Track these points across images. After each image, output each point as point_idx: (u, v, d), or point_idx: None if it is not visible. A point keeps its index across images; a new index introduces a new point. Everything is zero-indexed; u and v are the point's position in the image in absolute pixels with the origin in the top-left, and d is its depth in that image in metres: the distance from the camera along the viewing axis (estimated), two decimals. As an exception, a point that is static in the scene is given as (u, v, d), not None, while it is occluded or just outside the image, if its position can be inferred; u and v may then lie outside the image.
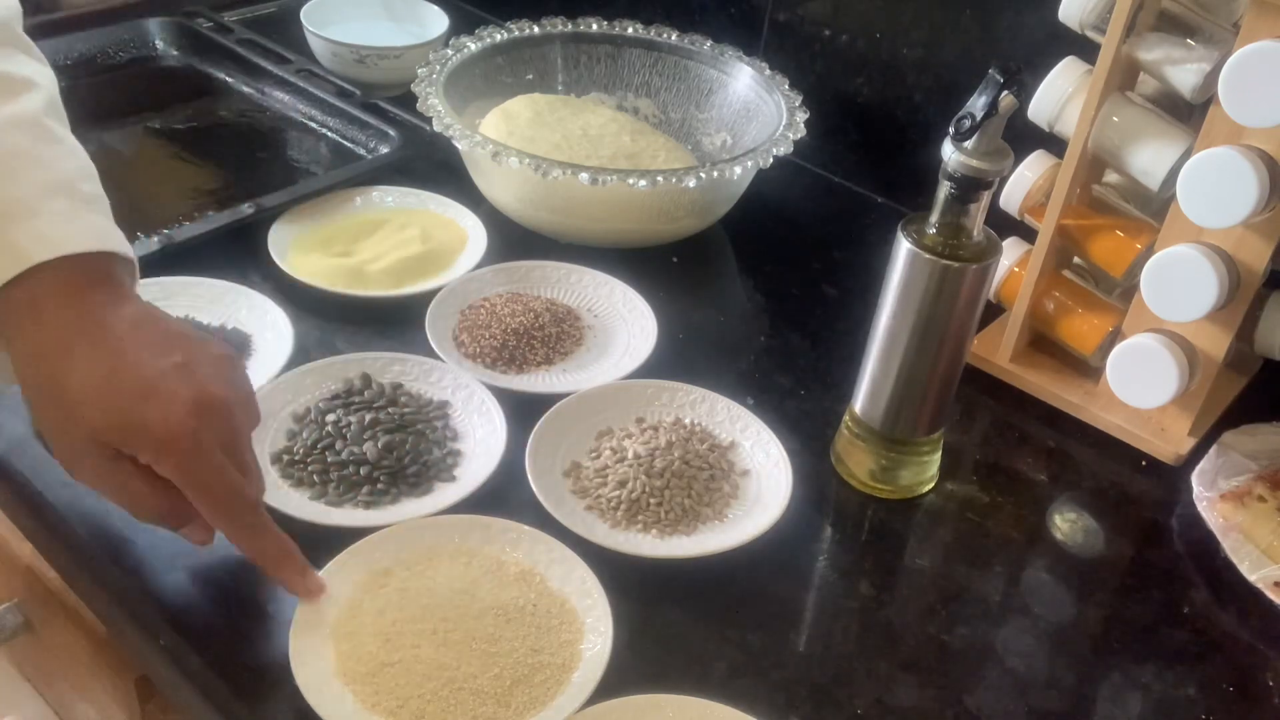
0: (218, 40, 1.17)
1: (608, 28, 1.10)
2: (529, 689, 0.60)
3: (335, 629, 0.62)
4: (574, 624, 0.63)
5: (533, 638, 0.62)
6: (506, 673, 0.60)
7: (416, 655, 0.60)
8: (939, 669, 0.66)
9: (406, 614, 0.62)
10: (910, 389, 0.73)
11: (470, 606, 0.63)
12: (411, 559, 0.66)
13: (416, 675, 0.59)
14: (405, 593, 0.63)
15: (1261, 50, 0.68)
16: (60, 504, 0.69)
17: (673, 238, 0.99)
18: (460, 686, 0.59)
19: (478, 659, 0.60)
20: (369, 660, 0.60)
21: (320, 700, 0.57)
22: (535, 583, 0.65)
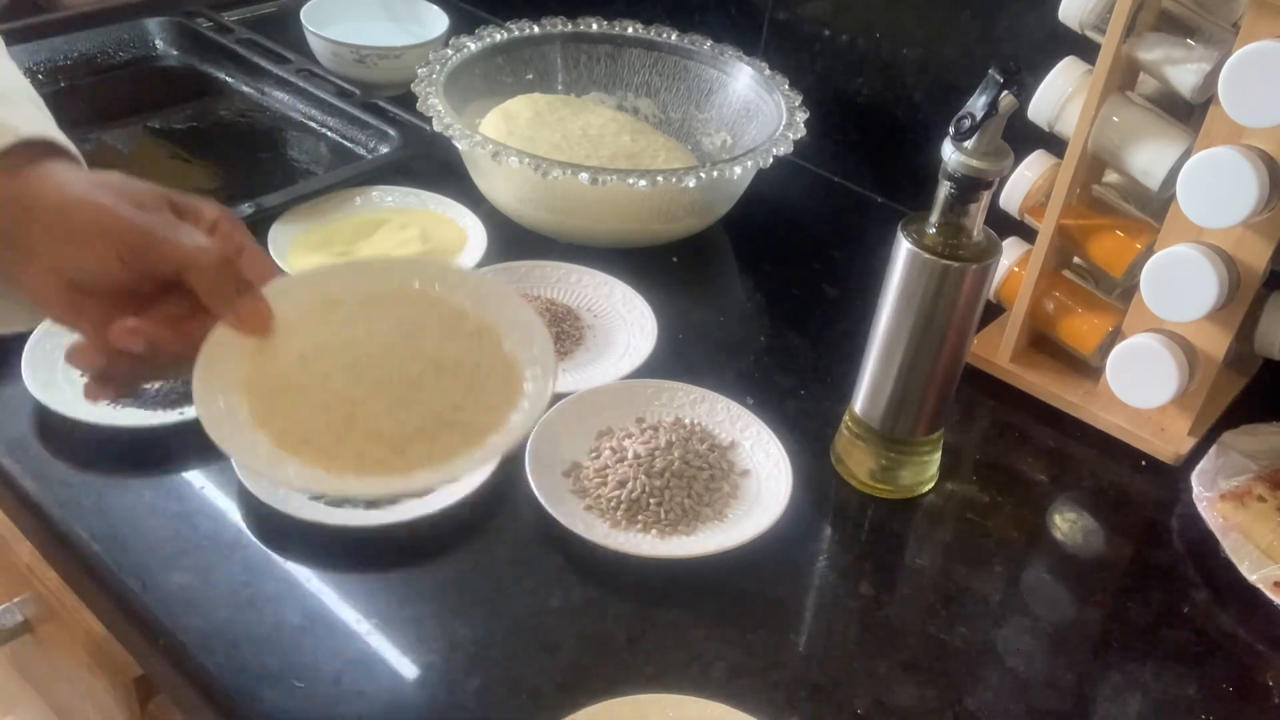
0: (218, 40, 1.17)
1: (608, 28, 1.10)
2: (430, 443, 0.55)
3: (259, 341, 0.58)
4: (512, 390, 0.58)
5: (459, 394, 0.57)
6: (413, 421, 0.56)
7: (325, 383, 0.57)
8: (939, 669, 0.66)
9: (335, 342, 0.59)
10: (910, 389, 0.73)
11: (404, 348, 0.59)
12: (368, 294, 0.61)
13: (317, 403, 0.56)
14: (345, 323, 0.60)
15: (1261, 50, 0.68)
16: (60, 504, 0.69)
17: (673, 238, 0.99)
18: (357, 425, 0.56)
19: (387, 400, 0.56)
20: (277, 377, 0.57)
21: (209, 408, 0.55)
22: (489, 342, 0.60)
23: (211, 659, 0.62)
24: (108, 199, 0.54)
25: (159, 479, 0.72)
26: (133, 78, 1.16)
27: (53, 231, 0.54)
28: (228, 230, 0.58)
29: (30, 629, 0.85)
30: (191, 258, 0.54)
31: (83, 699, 0.83)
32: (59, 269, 0.54)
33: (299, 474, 0.54)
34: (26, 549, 0.78)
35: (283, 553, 0.68)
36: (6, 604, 0.85)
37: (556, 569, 0.69)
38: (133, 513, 0.69)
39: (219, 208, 0.58)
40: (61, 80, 1.12)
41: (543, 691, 0.62)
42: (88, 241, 0.53)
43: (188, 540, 0.68)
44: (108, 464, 0.72)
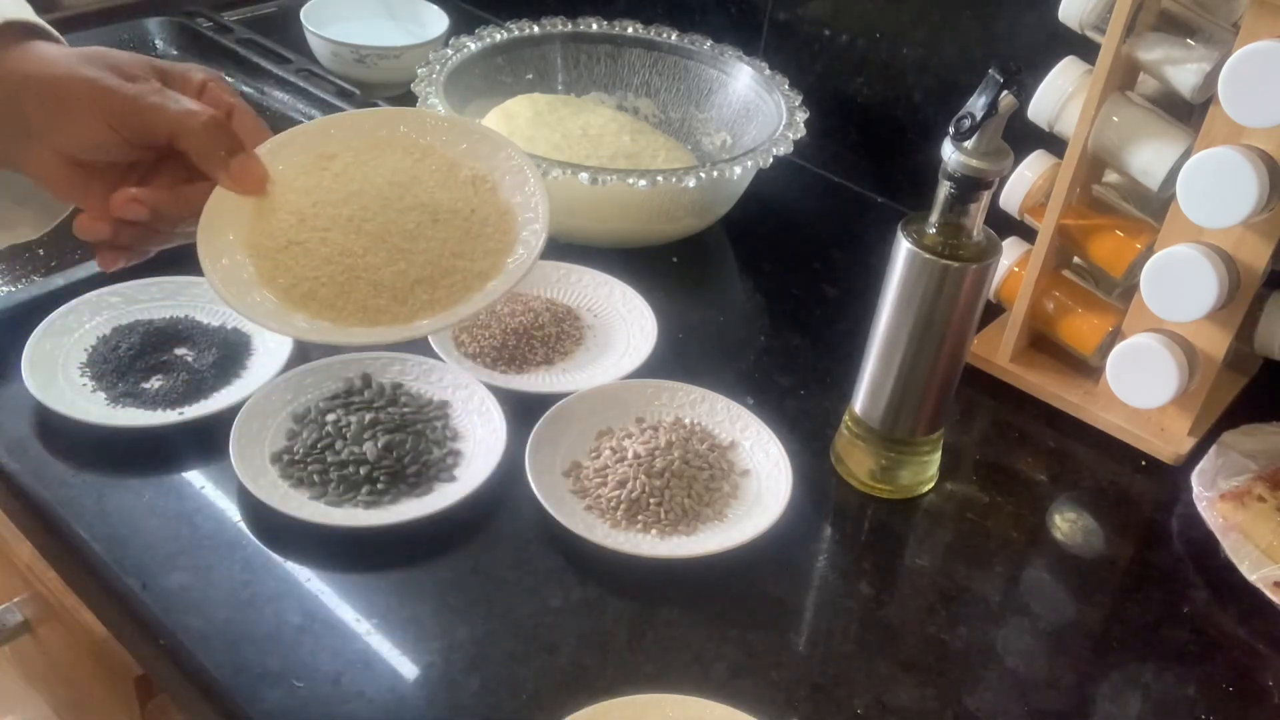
0: (218, 40, 1.17)
1: (608, 28, 1.10)
2: (431, 290, 0.57)
3: (258, 201, 0.59)
4: (508, 235, 0.60)
5: (455, 241, 0.59)
6: (413, 270, 0.58)
7: (325, 238, 0.58)
8: (939, 669, 0.66)
9: (331, 197, 0.59)
10: (910, 389, 0.73)
11: (400, 200, 0.60)
12: (362, 146, 0.62)
13: (318, 258, 0.57)
14: (340, 177, 0.61)
15: (1261, 50, 0.68)
16: (60, 504, 0.69)
17: (673, 238, 0.99)
18: (359, 276, 0.57)
19: (386, 251, 0.58)
20: (278, 235, 0.58)
21: (215, 267, 0.56)
22: (484, 190, 0.62)
23: (211, 659, 0.62)
24: (94, 71, 0.55)
25: (159, 479, 0.72)
26: (133, 78, 1.16)
27: (45, 108, 0.55)
28: (216, 92, 0.58)
29: (30, 629, 0.85)
30: (179, 121, 0.56)
31: (83, 699, 0.83)
32: (56, 145, 0.55)
33: (308, 326, 0.56)
34: (26, 549, 0.78)
35: (283, 553, 0.68)
36: (6, 604, 0.85)
37: (556, 569, 0.69)
38: (133, 513, 0.69)
39: (206, 70, 0.59)
40: (61, 80, 1.12)
41: (543, 691, 0.62)
42: (79, 115, 0.55)
43: (188, 540, 0.68)
44: (108, 464, 0.72)
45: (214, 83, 0.59)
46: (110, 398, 0.75)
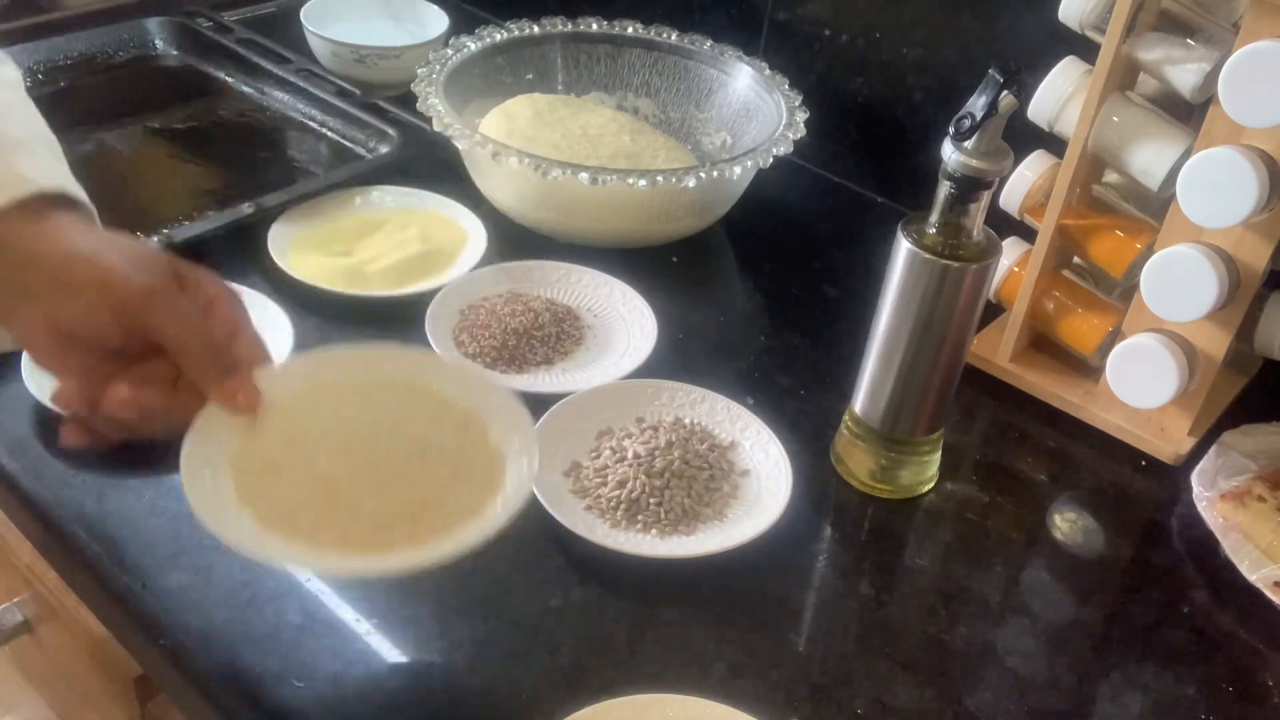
0: (217, 40, 1.17)
1: (608, 28, 1.10)
2: (411, 527, 0.57)
3: (250, 422, 0.59)
4: (495, 480, 0.60)
5: (442, 480, 0.59)
6: (394, 505, 0.57)
7: (310, 463, 0.58)
8: (939, 669, 0.66)
9: (320, 425, 0.60)
10: (910, 389, 0.73)
11: (391, 433, 0.61)
12: (357, 383, 0.63)
13: (301, 482, 0.58)
14: (333, 407, 0.61)
15: (1261, 50, 0.68)
16: (60, 504, 0.69)
17: (673, 237, 0.99)
18: (341, 504, 0.57)
19: (371, 483, 0.58)
20: (261, 455, 0.58)
21: (196, 484, 0.56)
22: (475, 430, 0.62)
23: (211, 659, 0.62)
24: (112, 258, 0.55)
25: (159, 479, 0.72)
26: (133, 78, 1.16)
27: (52, 280, 0.55)
28: (225, 310, 0.59)
29: (30, 629, 0.85)
30: (179, 340, 0.56)
31: (83, 699, 0.83)
32: (51, 315, 0.55)
33: (283, 551, 0.56)
34: (26, 549, 0.78)
35: (283, 553, 0.68)
36: (6, 604, 0.85)
37: (556, 569, 0.69)
38: (133, 513, 0.69)
39: (221, 284, 0.60)
40: (61, 80, 1.12)
41: (542, 691, 0.62)
42: (85, 294, 0.54)
43: (188, 540, 0.68)
44: (108, 464, 0.72)
45: (225, 298, 0.59)
46: (110, 398, 0.75)
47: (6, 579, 0.86)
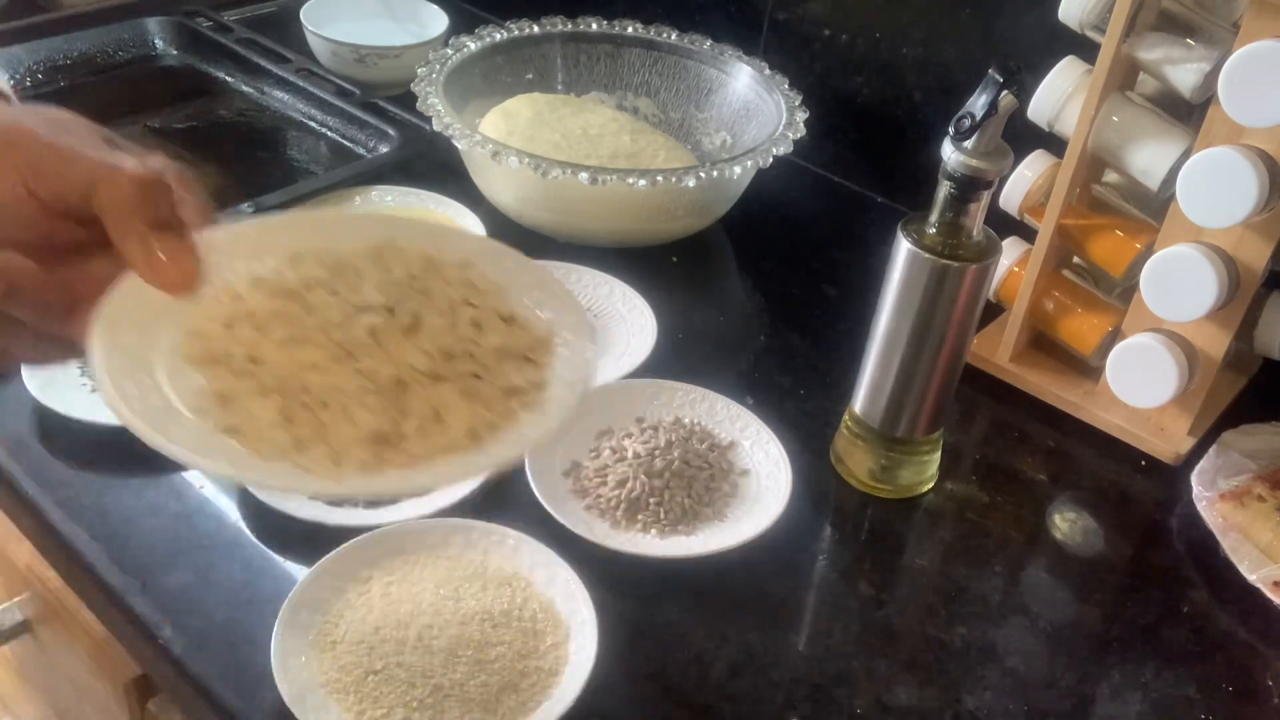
0: (217, 40, 1.17)
1: (607, 27, 1.10)
2: (517, 694, 0.59)
3: (317, 639, 0.61)
4: (560, 628, 0.63)
5: (519, 643, 0.61)
6: (495, 679, 0.60)
7: (400, 663, 0.60)
8: (939, 669, 0.66)
9: (389, 621, 0.62)
10: (910, 388, 0.73)
11: (455, 612, 0.62)
12: (392, 564, 0.65)
13: (401, 683, 0.59)
14: (387, 599, 0.63)
15: (1261, 50, 0.68)
16: (60, 504, 0.69)
17: (672, 237, 0.99)
18: (447, 694, 0.59)
19: (464, 666, 0.60)
20: (353, 669, 0.60)
21: (304, 712, 0.57)
22: (521, 586, 0.65)
23: (211, 659, 0.62)
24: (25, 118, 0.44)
25: (159, 479, 0.72)
26: (132, 77, 1.16)
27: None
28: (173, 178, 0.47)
29: (30, 629, 0.85)
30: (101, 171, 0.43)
31: (83, 699, 0.83)
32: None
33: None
34: (26, 549, 0.78)
35: (283, 553, 0.68)
36: (6, 604, 0.85)
37: (556, 569, 0.69)
38: (133, 513, 0.69)
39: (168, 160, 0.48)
40: (61, 80, 1.12)
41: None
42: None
43: (188, 540, 0.68)
44: (108, 464, 0.72)
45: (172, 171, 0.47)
46: (110, 398, 0.75)
47: (6, 579, 0.86)
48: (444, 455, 0.44)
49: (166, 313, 0.44)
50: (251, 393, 0.44)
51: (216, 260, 0.46)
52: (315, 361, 0.45)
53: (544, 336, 0.50)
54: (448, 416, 0.45)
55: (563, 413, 0.47)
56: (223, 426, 0.43)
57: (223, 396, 0.44)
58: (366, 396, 0.45)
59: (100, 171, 0.43)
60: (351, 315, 0.47)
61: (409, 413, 0.45)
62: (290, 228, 0.51)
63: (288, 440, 0.43)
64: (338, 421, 0.44)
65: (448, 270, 0.51)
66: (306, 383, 0.45)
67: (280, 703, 0.57)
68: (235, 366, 0.45)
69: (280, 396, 0.44)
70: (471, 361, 0.47)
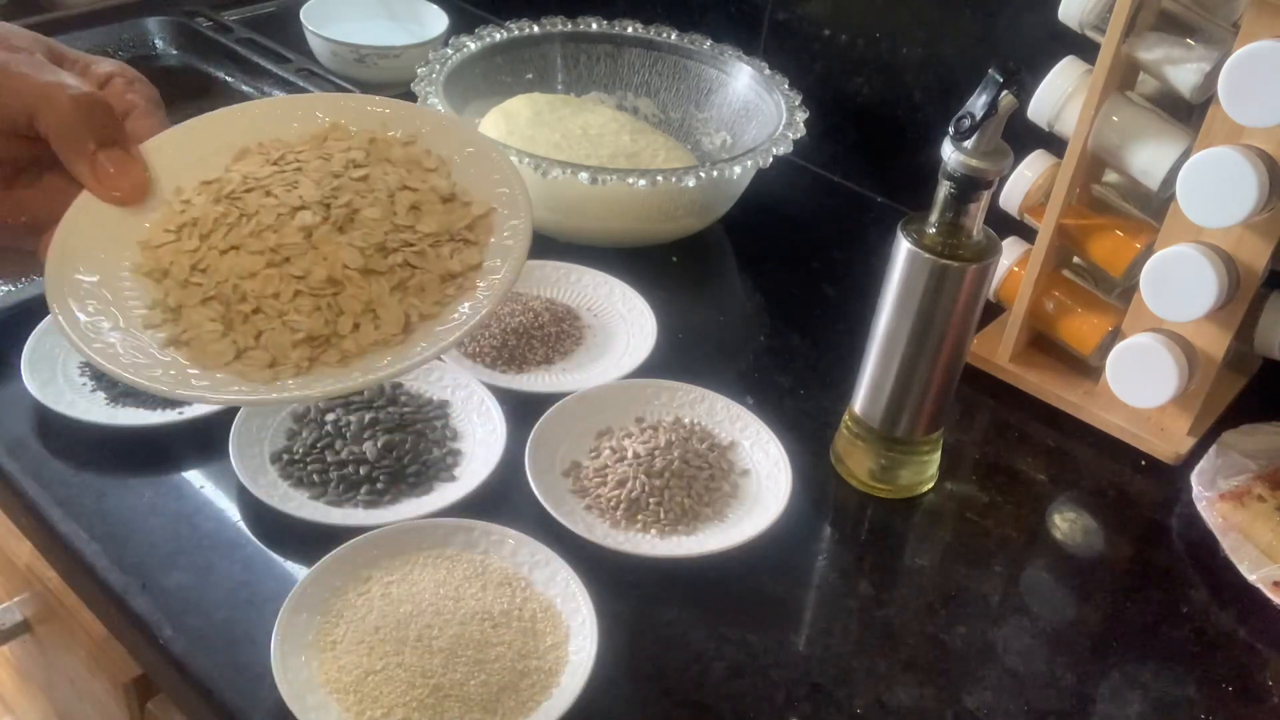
0: (217, 39, 1.17)
1: (607, 27, 1.10)
2: (516, 694, 0.59)
3: (317, 639, 0.61)
4: (560, 628, 0.63)
5: (520, 643, 0.61)
6: (494, 679, 0.60)
7: (400, 663, 0.60)
8: (938, 669, 0.66)
9: (389, 621, 0.62)
10: (910, 388, 0.73)
11: (455, 611, 0.62)
12: (391, 565, 0.65)
13: (401, 683, 0.59)
14: (387, 599, 0.63)
15: (1261, 50, 0.68)
16: (60, 504, 0.69)
17: (672, 237, 0.99)
18: (446, 694, 0.59)
19: (464, 665, 0.60)
20: (352, 669, 0.60)
21: (304, 711, 0.57)
22: (521, 587, 0.65)
23: (211, 659, 0.62)
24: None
25: (159, 479, 0.72)
26: (132, 77, 1.16)
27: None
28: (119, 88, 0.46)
29: (30, 629, 0.85)
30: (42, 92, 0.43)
31: (82, 699, 0.83)
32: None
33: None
34: (26, 549, 0.78)
35: (283, 553, 0.68)
36: (6, 604, 0.85)
37: (556, 569, 0.69)
38: (133, 512, 0.69)
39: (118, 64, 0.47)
40: (61, 80, 1.12)
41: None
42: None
43: (188, 540, 0.68)
44: (108, 464, 0.72)
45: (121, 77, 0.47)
46: (110, 397, 0.75)
47: (6, 579, 0.86)
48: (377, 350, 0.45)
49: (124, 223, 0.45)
50: (196, 302, 0.45)
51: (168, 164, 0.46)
52: (251, 268, 0.45)
53: (483, 214, 0.49)
54: (380, 311, 0.45)
55: (494, 294, 0.46)
56: (170, 339, 0.43)
57: (170, 308, 0.44)
58: (300, 299, 0.45)
59: (42, 93, 0.42)
60: (285, 217, 0.46)
61: (343, 311, 0.45)
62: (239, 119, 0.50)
63: (230, 349, 0.44)
64: (274, 327, 0.44)
65: (393, 150, 0.51)
66: (244, 290, 0.45)
67: (280, 703, 0.57)
68: (181, 277, 0.45)
69: (220, 305, 0.45)
70: (407, 251, 0.47)
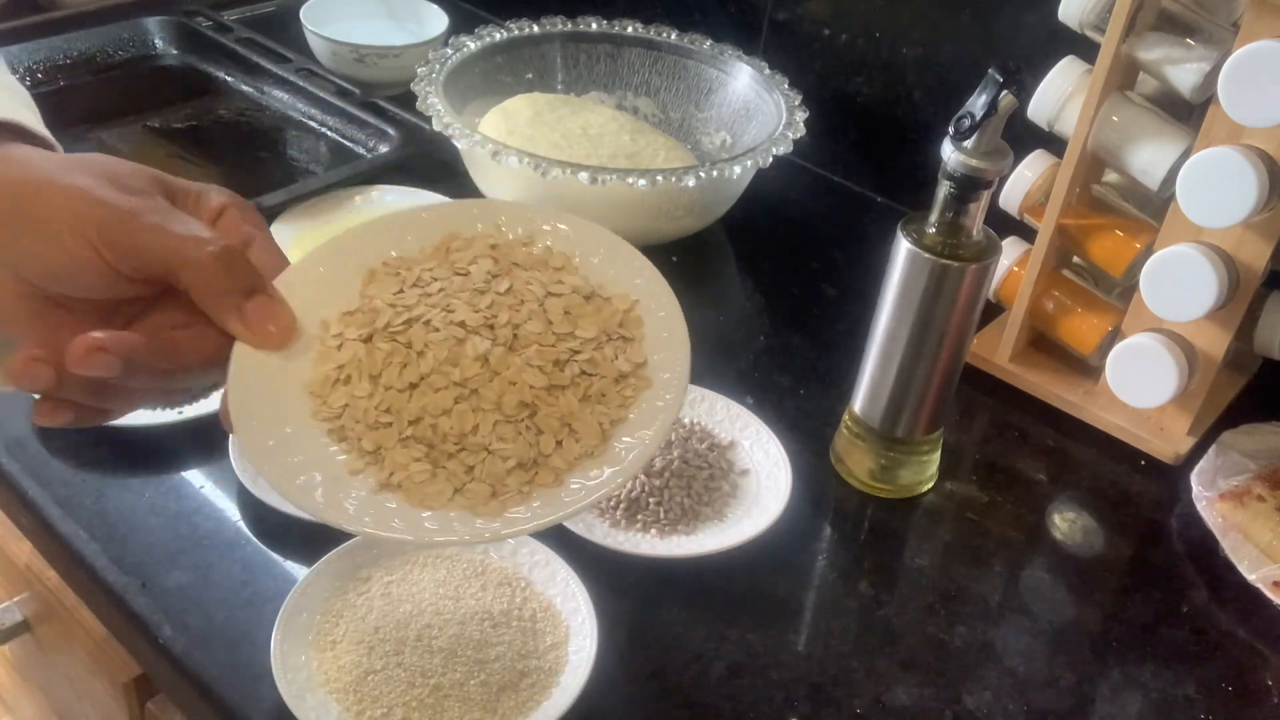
0: (217, 39, 1.17)
1: (607, 27, 1.10)
2: (516, 694, 0.59)
3: (317, 639, 0.61)
4: (560, 627, 0.63)
5: (519, 643, 0.61)
6: (494, 679, 0.60)
7: (400, 662, 0.60)
8: (938, 668, 0.66)
9: (389, 621, 0.62)
10: (909, 388, 0.73)
11: (455, 611, 0.62)
12: (391, 564, 0.65)
13: (401, 683, 0.59)
14: (387, 599, 0.63)
15: (1261, 50, 0.68)
16: (60, 504, 0.69)
17: (672, 237, 0.99)
18: (446, 694, 0.59)
19: (464, 665, 0.60)
20: (352, 669, 0.60)
21: (304, 711, 0.57)
22: (520, 586, 0.65)
23: (211, 659, 0.62)
24: (84, 180, 0.44)
25: (159, 479, 0.72)
26: (132, 77, 1.16)
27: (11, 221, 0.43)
28: (234, 220, 0.47)
29: (30, 629, 0.85)
30: (182, 249, 0.43)
31: (82, 699, 0.83)
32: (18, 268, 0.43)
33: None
34: (26, 549, 0.78)
35: (283, 553, 0.68)
36: (6, 604, 0.85)
37: (556, 569, 0.69)
38: (133, 512, 0.69)
39: (226, 193, 0.48)
40: (61, 80, 1.12)
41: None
42: (57, 232, 0.43)
43: (187, 540, 0.68)
44: (108, 464, 0.72)
45: (234, 208, 0.47)
46: (110, 397, 0.75)
47: (6, 579, 0.86)
48: (584, 463, 0.46)
49: (285, 369, 0.46)
50: (394, 444, 0.46)
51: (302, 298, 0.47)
52: (443, 405, 0.46)
53: (627, 307, 0.51)
54: (576, 425, 0.47)
55: (677, 381, 0.49)
56: (380, 484, 0.45)
57: (367, 451, 0.45)
58: (500, 427, 0.46)
59: (179, 251, 0.44)
60: (456, 347, 0.47)
61: (542, 431, 0.47)
62: (356, 242, 0.51)
63: (447, 488, 0.45)
64: (483, 458, 0.46)
65: (517, 252, 0.52)
66: (443, 428, 0.46)
67: (280, 703, 0.57)
68: (368, 420, 0.46)
69: (421, 445, 0.46)
70: (579, 360, 0.48)
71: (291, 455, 0.45)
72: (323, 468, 0.45)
